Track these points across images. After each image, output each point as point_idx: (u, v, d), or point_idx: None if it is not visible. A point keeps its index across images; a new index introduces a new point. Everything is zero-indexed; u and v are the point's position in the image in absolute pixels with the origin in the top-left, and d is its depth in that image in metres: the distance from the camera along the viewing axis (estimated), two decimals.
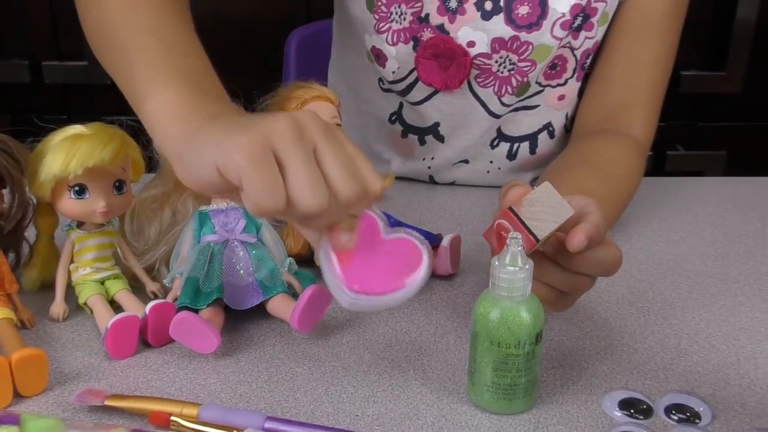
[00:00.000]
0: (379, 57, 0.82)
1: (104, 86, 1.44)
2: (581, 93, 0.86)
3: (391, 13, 0.79)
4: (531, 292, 0.49)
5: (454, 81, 0.80)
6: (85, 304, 0.59)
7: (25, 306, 0.59)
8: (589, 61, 0.84)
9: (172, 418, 0.48)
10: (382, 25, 0.80)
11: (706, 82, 1.62)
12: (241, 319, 0.60)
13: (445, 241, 0.67)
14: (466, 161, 0.88)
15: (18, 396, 0.50)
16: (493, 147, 0.87)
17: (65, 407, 0.50)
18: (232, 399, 0.51)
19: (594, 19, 0.79)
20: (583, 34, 0.80)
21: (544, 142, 0.87)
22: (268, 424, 0.48)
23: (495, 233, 0.52)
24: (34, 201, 0.60)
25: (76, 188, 0.58)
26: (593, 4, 0.78)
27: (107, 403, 0.49)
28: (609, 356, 0.57)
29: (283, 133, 0.42)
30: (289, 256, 0.65)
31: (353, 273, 0.47)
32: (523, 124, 0.86)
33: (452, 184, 0.91)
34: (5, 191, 0.58)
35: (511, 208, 0.51)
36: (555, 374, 0.54)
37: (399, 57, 0.81)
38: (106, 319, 0.56)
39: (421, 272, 0.48)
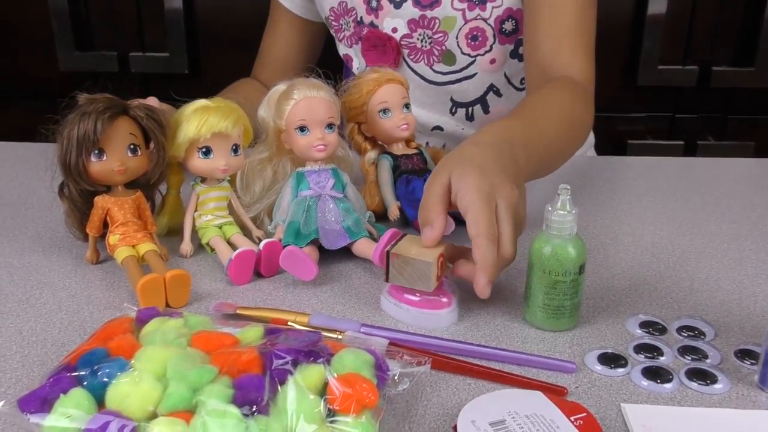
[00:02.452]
0: (347, 60, 1.07)
1: (183, 75, 1.60)
2: (514, 54, 1.00)
3: (341, 25, 1.05)
4: (576, 233, 0.62)
5: (390, 61, 1.01)
6: (207, 243, 0.74)
7: (161, 244, 0.73)
8: (505, 26, 0.97)
9: (289, 323, 0.62)
10: (339, 35, 1.06)
11: (736, 77, 1.71)
12: (332, 258, 0.74)
13: None
14: (440, 128, 1.06)
15: (168, 307, 0.65)
16: (453, 113, 1.05)
17: (206, 315, 0.64)
18: (331, 314, 0.65)
19: None
20: (489, 5, 0.96)
21: (493, 101, 1.04)
22: (363, 329, 0.61)
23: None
24: (167, 160, 0.75)
25: (204, 150, 0.72)
26: None
27: (238, 311, 0.63)
28: (633, 292, 0.69)
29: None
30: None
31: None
32: (469, 91, 1.03)
33: (443, 147, 1.07)
34: (149, 151, 0.72)
35: (389, 252, 0.63)
36: (589, 304, 0.67)
37: (357, 55, 1.05)
38: (227, 253, 0.70)
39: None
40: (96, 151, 0.68)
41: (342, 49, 1.09)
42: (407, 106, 0.83)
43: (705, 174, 1.00)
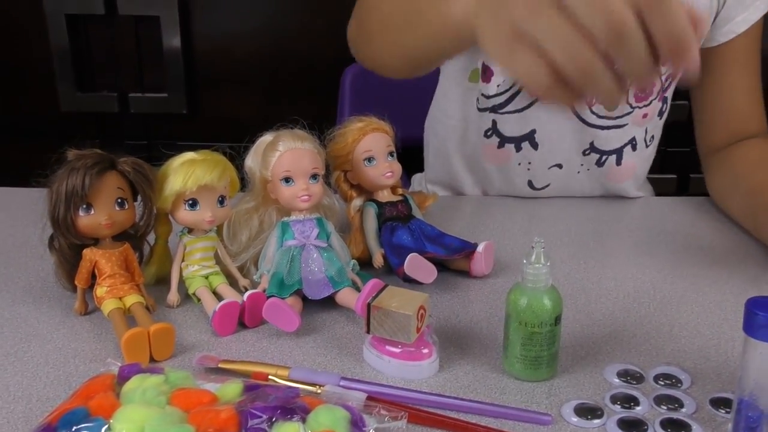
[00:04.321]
0: (485, 72, 0.97)
1: (181, 115, 1.63)
2: (660, 112, 1.01)
3: None
4: (551, 284, 0.63)
5: None
6: (194, 294, 0.75)
7: (148, 295, 0.75)
8: (668, 84, 0.98)
9: (270, 376, 0.63)
10: None
11: None
12: (316, 307, 0.75)
13: (480, 247, 0.81)
14: (559, 165, 1.03)
15: (152, 360, 0.66)
16: (584, 155, 1.02)
17: (188, 368, 0.65)
18: (312, 366, 0.66)
19: None
20: None
21: (628, 154, 1.02)
22: (343, 382, 0.62)
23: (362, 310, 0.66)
24: (155, 211, 0.76)
25: (190, 202, 0.74)
26: None
27: (220, 365, 0.64)
28: (612, 339, 0.70)
29: None
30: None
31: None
32: (613, 140, 1.01)
33: (546, 186, 1.05)
34: (137, 204, 0.74)
35: (370, 304, 0.64)
36: (567, 352, 0.68)
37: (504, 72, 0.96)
38: (212, 304, 0.71)
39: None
40: (84, 206, 0.69)
41: (485, 57, 0.98)
42: (392, 154, 0.84)
43: (690, 214, 1.01)
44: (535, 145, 1.01)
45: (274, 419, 0.52)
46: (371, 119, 0.85)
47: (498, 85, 0.97)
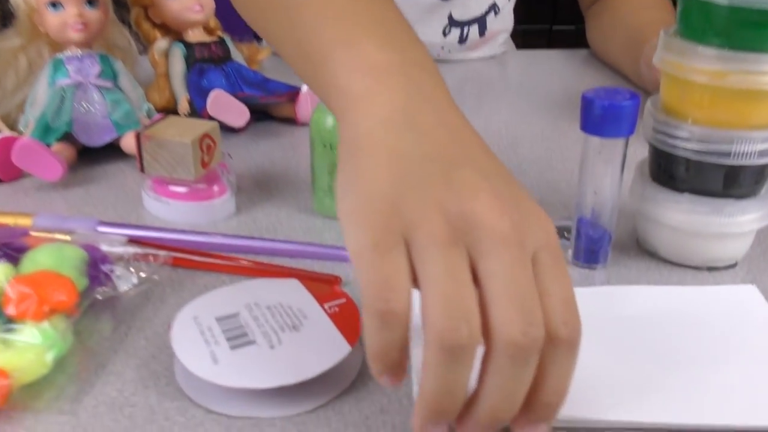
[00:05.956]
0: None
1: None
2: None
3: None
4: None
5: None
6: None
7: None
8: None
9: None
10: None
11: None
12: (98, 156, 0.61)
13: (305, 88, 0.68)
14: None
15: None
16: (445, 35, 0.90)
17: None
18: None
19: None
20: None
21: (491, 21, 0.91)
22: (101, 228, 0.49)
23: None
24: None
25: None
26: None
27: None
28: None
29: (433, 232, 0.29)
30: (156, 110, 0.66)
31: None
32: (471, 6, 0.89)
33: None
34: None
35: (139, 134, 0.52)
36: None
37: None
38: None
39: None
40: None
41: None
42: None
43: (563, 64, 0.91)
44: None
45: None
46: None
47: None
